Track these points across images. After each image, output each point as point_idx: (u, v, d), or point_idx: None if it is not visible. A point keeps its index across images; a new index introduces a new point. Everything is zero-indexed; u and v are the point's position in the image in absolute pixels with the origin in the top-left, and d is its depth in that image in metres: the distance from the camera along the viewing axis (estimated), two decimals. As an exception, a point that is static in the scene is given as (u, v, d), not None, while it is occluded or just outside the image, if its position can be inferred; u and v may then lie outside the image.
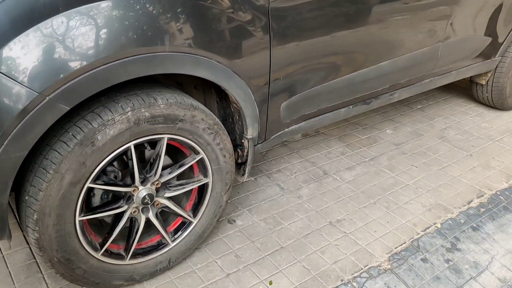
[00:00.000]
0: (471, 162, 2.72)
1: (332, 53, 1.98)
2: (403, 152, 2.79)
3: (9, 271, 1.77)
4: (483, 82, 3.15)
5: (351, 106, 2.29)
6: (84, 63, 1.24)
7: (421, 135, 3.00)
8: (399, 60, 2.32)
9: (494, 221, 2.23)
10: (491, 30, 2.75)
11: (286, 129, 2.04)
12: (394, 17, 2.13)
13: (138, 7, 1.33)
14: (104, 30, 1.27)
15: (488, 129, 3.12)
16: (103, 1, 1.26)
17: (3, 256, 1.83)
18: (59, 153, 1.33)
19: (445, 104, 3.46)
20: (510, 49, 2.98)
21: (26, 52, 1.19)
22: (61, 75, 1.22)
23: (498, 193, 2.44)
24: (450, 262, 1.96)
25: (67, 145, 1.33)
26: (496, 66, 3.02)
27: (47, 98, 1.22)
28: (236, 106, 1.75)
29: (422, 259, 1.96)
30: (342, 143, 2.86)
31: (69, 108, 1.27)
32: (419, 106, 3.41)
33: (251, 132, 1.83)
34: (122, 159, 1.61)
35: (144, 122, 1.45)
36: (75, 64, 1.24)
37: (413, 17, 2.22)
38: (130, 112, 1.41)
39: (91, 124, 1.36)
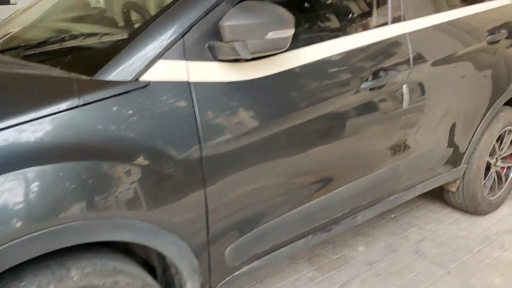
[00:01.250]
0: (450, 282, 2.51)
1: (280, 187, 1.87)
2: (376, 274, 2.58)
3: None
4: (454, 190, 3.05)
5: (309, 236, 2.13)
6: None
7: (395, 251, 2.81)
8: (358, 183, 2.22)
9: None
10: (452, 141, 2.71)
11: (237, 272, 1.86)
12: (347, 142, 2.07)
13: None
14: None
15: (466, 239, 2.95)
16: None
17: None
18: None
19: (419, 211, 3.33)
20: (474, 156, 2.92)
21: None
22: None
23: (482, 322, 2.22)
24: None
25: None
26: (464, 173, 2.94)
27: None
28: (170, 260, 1.58)
29: None
30: (311, 266, 2.65)
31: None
32: (392, 215, 3.26)
33: (190, 285, 1.64)
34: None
35: (53, 301, 1.27)
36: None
37: (367, 140, 2.16)
38: (34, 293, 1.23)
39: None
